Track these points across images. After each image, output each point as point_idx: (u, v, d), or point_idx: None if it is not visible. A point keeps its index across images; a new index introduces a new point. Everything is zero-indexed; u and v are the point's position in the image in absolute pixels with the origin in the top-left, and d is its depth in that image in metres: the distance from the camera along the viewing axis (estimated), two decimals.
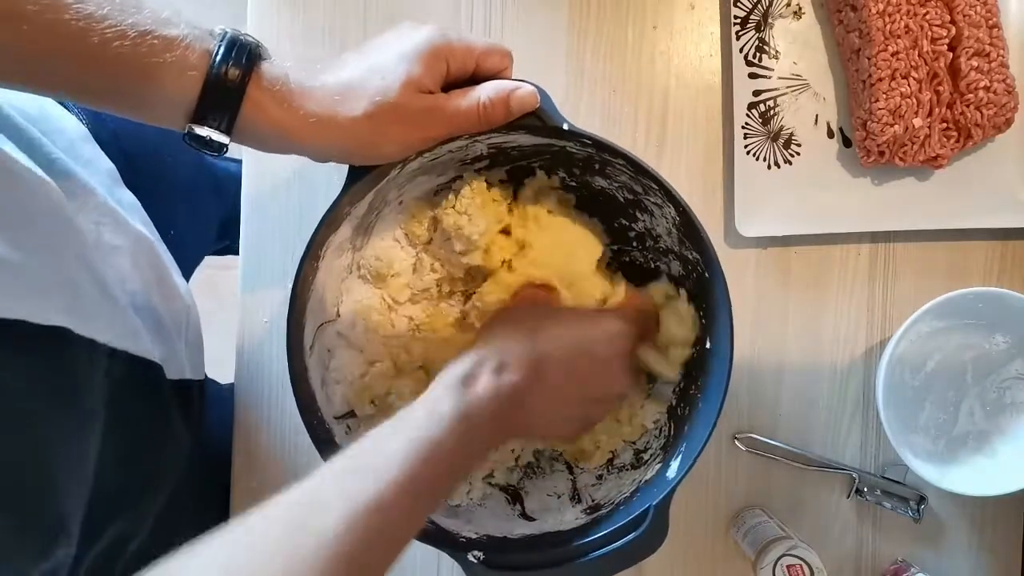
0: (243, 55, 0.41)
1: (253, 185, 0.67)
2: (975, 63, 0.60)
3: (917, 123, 0.61)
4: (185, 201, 0.77)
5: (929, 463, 0.62)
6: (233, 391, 0.67)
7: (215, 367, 0.71)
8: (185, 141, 0.42)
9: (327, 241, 0.50)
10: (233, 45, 0.41)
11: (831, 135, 0.66)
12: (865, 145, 0.62)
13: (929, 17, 0.60)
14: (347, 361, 0.55)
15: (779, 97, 0.65)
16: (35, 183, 0.45)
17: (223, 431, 0.67)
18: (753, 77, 0.65)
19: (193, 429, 0.60)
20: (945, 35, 0.60)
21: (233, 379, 0.67)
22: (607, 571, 0.48)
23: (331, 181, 0.65)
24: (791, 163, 0.65)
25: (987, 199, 0.65)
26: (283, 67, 0.43)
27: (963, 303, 0.60)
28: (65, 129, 0.57)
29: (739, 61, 0.64)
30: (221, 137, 0.41)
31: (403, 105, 0.43)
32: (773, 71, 0.65)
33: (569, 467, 0.61)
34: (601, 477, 0.59)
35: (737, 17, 0.64)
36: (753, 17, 0.65)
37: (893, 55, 0.60)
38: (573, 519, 0.54)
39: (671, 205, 0.50)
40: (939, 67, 0.61)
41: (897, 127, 0.61)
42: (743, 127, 0.64)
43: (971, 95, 0.61)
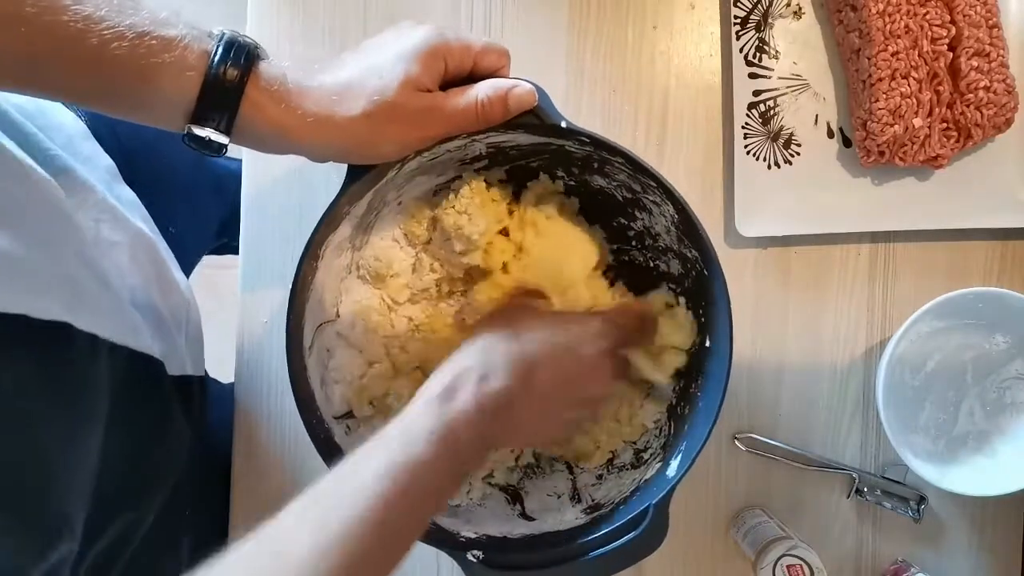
0: (241, 55, 0.41)
1: (253, 184, 0.67)
2: (975, 63, 0.60)
3: (917, 123, 0.61)
4: (185, 198, 0.77)
5: (929, 463, 0.62)
6: (233, 391, 0.67)
7: (215, 367, 0.71)
8: (185, 142, 0.42)
9: (326, 241, 0.50)
10: (231, 45, 0.41)
11: (831, 135, 0.66)
12: (865, 145, 0.62)
13: (929, 17, 0.60)
14: (346, 361, 0.55)
15: (779, 97, 0.65)
16: (33, 178, 0.45)
17: (223, 430, 0.67)
18: (753, 77, 0.65)
19: (194, 425, 0.60)
20: (945, 35, 0.60)
21: (233, 379, 0.67)
22: (607, 570, 0.48)
23: (330, 180, 0.65)
24: (791, 163, 0.65)
25: (987, 199, 0.65)
26: (281, 67, 0.43)
27: (963, 303, 0.60)
28: (64, 125, 0.57)
29: (739, 61, 0.64)
30: (220, 137, 0.41)
31: (401, 104, 0.43)
32: (773, 71, 0.65)
33: (569, 467, 0.61)
34: (601, 477, 0.59)
35: (737, 17, 0.64)
36: (753, 17, 0.65)
37: (893, 55, 0.60)
38: (573, 519, 0.54)
39: (670, 203, 0.50)
40: (939, 67, 0.61)
41: (897, 127, 0.61)
42: (743, 127, 0.64)
43: (971, 95, 0.61)
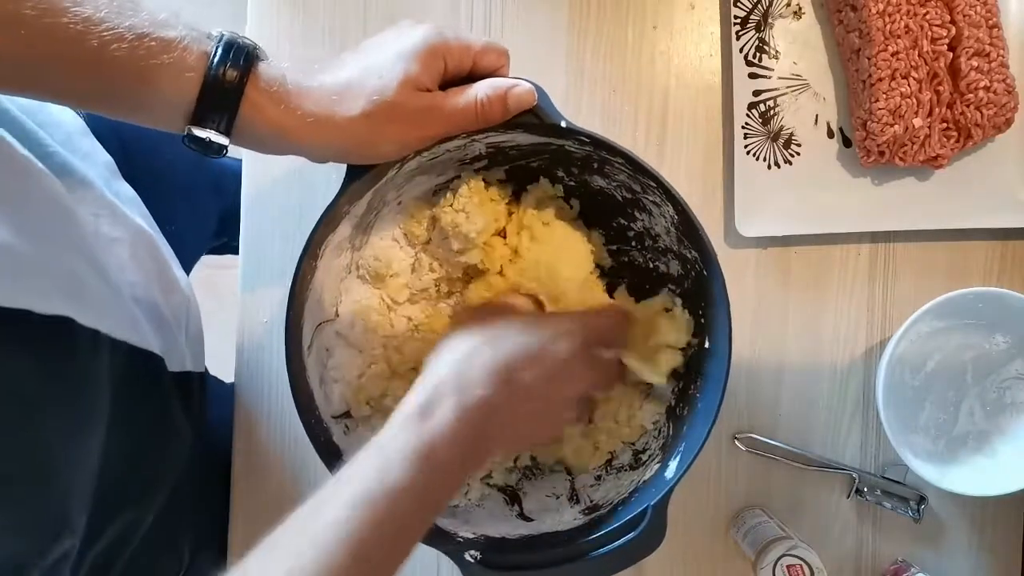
0: (240, 56, 0.41)
1: (253, 184, 0.67)
2: (975, 63, 0.60)
3: (917, 123, 0.61)
4: (184, 197, 0.77)
5: (929, 463, 0.62)
6: (234, 390, 0.67)
7: (215, 367, 0.71)
8: (185, 143, 0.42)
9: (326, 240, 0.49)
10: (231, 47, 0.41)
11: (831, 135, 0.66)
12: (865, 145, 0.62)
13: (929, 17, 0.60)
14: (345, 361, 0.55)
15: (779, 97, 0.65)
16: (34, 172, 0.45)
17: (223, 429, 0.67)
18: (753, 77, 0.64)
19: (194, 422, 0.60)
20: (945, 35, 0.60)
21: (233, 379, 0.67)
22: (606, 571, 0.48)
23: (330, 180, 0.65)
24: (791, 163, 0.65)
25: (987, 199, 0.65)
26: (280, 68, 0.43)
27: (963, 303, 0.60)
28: (62, 122, 0.57)
29: (739, 61, 0.64)
30: (220, 138, 0.41)
31: (401, 104, 0.43)
32: (773, 71, 0.65)
33: (567, 468, 0.61)
34: (600, 478, 0.59)
35: (737, 17, 0.64)
36: (753, 17, 0.65)
37: (893, 55, 0.60)
38: (571, 519, 0.54)
39: (669, 203, 0.50)
40: (939, 67, 0.61)
41: (897, 127, 0.61)
42: (743, 127, 0.64)
43: (971, 95, 0.61)
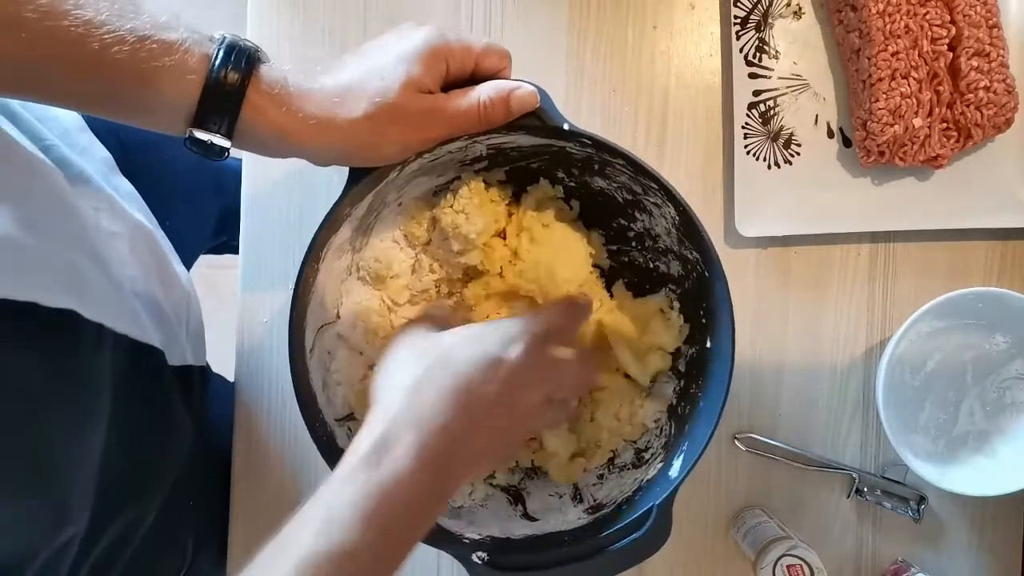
0: (242, 59, 0.41)
1: (253, 185, 0.67)
2: (975, 63, 0.60)
3: (917, 123, 0.61)
4: (184, 194, 0.77)
5: (929, 463, 0.62)
6: (234, 390, 0.67)
7: (215, 367, 0.71)
8: (186, 146, 0.42)
9: (328, 243, 0.49)
10: (232, 49, 0.41)
11: (831, 135, 0.66)
12: (865, 145, 0.62)
13: (929, 17, 0.60)
14: (347, 363, 0.55)
15: (779, 97, 0.65)
16: (36, 164, 0.45)
17: (224, 426, 0.67)
18: (753, 77, 0.64)
19: (195, 416, 0.60)
20: (945, 35, 0.60)
21: (233, 379, 0.67)
22: (611, 571, 0.48)
23: (331, 182, 0.65)
24: (791, 163, 0.65)
25: (987, 199, 0.65)
26: (282, 70, 0.43)
27: (963, 303, 0.60)
28: (60, 117, 0.57)
29: (739, 61, 0.64)
30: (222, 141, 0.41)
31: (403, 106, 0.43)
32: (773, 71, 0.65)
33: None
34: (602, 476, 0.59)
35: (737, 17, 0.64)
36: (753, 17, 0.65)
37: (893, 55, 0.60)
38: (575, 519, 0.54)
39: (671, 205, 0.50)
40: (939, 67, 0.61)
41: (897, 127, 0.61)
42: (743, 127, 0.64)
43: (971, 95, 0.61)
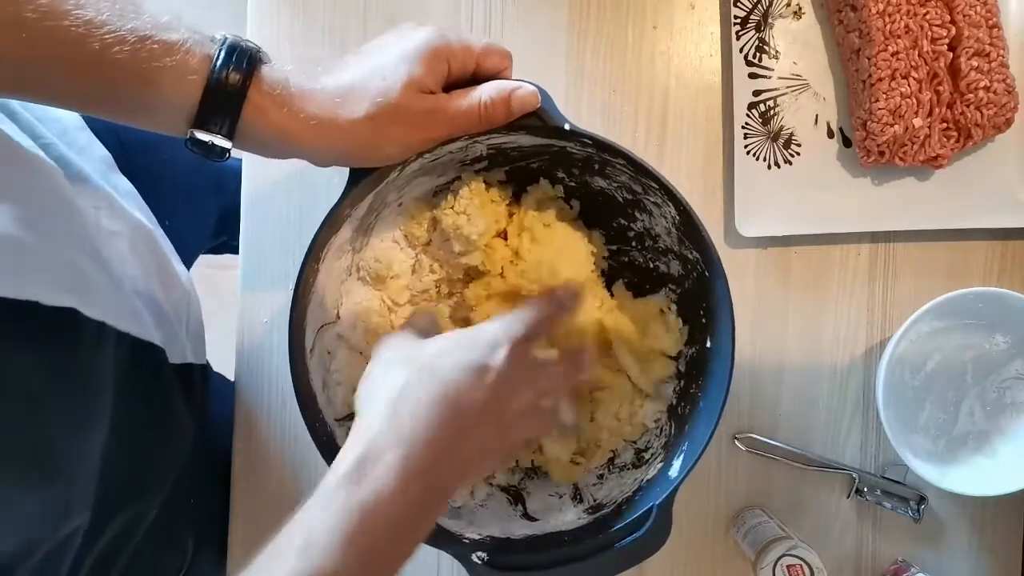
0: (243, 59, 0.41)
1: (253, 185, 0.66)
2: (975, 63, 0.61)
3: (917, 123, 0.61)
4: (184, 194, 0.77)
5: (929, 463, 0.62)
6: (234, 389, 0.67)
7: (215, 367, 0.71)
8: (187, 147, 0.42)
9: (328, 243, 0.49)
10: (233, 50, 0.41)
11: (831, 135, 0.66)
12: (865, 145, 0.62)
13: (929, 17, 0.61)
14: (348, 363, 0.55)
15: (779, 97, 0.65)
16: (37, 163, 0.45)
17: (224, 425, 0.67)
18: (753, 77, 0.65)
19: (195, 414, 0.60)
20: (945, 35, 0.60)
21: (233, 379, 0.67)
22: (611, 571, 0.48)
23: (331, 182, 0.65)
24: (791, 163, 0.65)
25: (987, 199, 0.65)
26: (283, 71, 0.43)
27: (963, 303, 0.60)
28: (59, 116, 0.57)
29: (739, 61, 0.64)
30: (223, 142, 0.41)
31: (404, 106, 0.43)
32: (773, 71, 0.65)
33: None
34: (602, 476, 0.59)
35: (737, 17, 0.64)
36: (753, 17, 0.65)
37: (893, 55, 0.60)
38: (575, 519, 0.54)
39: (671, 204, 0.50)
40: (939, 67, 0.61)
41: (897, 127, 0.61)
42: (743, 127, 0.64)
43: (971, 95, 0.61)
